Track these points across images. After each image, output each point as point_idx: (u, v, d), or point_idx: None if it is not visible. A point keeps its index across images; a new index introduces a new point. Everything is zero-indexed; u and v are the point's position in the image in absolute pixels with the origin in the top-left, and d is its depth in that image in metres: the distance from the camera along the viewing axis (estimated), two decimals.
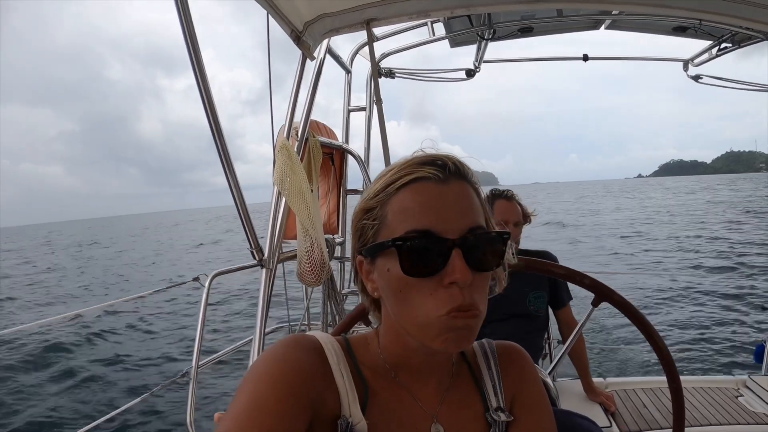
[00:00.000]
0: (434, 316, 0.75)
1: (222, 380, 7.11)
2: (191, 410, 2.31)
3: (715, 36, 3.65)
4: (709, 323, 9.76)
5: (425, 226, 0.76)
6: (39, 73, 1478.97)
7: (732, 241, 21.48)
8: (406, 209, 0.78)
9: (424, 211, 0.77)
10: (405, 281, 0.77)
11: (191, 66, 1.83)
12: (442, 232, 0.75)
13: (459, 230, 0.76)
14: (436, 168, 0.79)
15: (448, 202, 0.77)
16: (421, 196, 0.78)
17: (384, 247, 0.78)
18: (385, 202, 0.81)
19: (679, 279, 14.10)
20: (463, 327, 0.75)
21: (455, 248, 0.75)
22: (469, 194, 0.80)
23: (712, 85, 4.22)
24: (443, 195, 0.78)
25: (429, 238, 0.75)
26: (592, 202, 69.77)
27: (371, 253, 0.82)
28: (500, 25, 3.54)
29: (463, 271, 0.73)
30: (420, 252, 0.75)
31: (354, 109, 3.96)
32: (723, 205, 45.12)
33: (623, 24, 3.72)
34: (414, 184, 0.79)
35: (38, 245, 51.00)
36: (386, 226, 0.79)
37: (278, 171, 2.42)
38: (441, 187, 0.78)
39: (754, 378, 3.12)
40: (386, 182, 0.82)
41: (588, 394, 2.92)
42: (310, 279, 2.67)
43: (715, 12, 2.05)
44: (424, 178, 0.79)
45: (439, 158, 0.81)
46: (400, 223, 0.78)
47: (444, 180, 0.79)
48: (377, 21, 2.24)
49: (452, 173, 0.80)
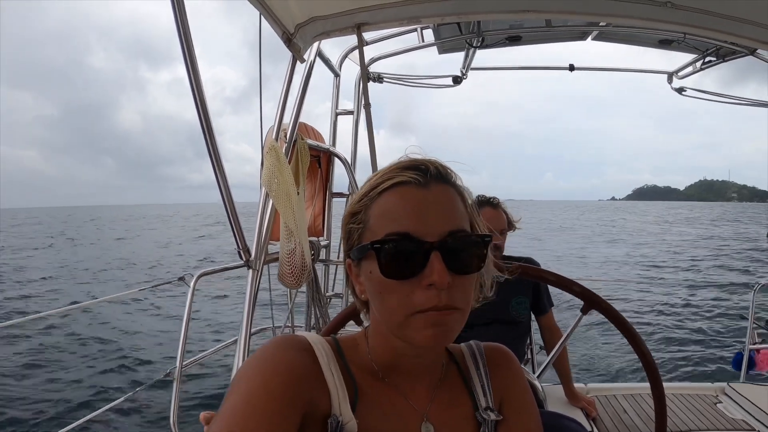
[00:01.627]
0: (410, 314, 0.77)
1: (206, 380, 7.06)
2: (175, 410, 2.30)
3: (699, 50, 3.70)
4: (690, 332, 9.88)
5: (404, 229, 0.77)
6: (20, 56, 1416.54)
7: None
8: (387, 213, 0.80)
9: (404, 215, 0.78)
10: (385, 283, 0.78)
11: (184, 62, 1.83)
12: (422, 235, 0.77)
13: (439, 233, 0.77)
14: (417, 172, 0.80)
15: (428, 205, 0.78)
16: (401, 199, 0.79)
17: (366, 250, 0.80)
18: (368, 206, 0.82)
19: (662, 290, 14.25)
20: (440, 324, 0.76)
21: (434, 251, 0.76)
22: (451, 198, 0.81)
23: (695, 97, 4.28)
24: (423, 199, 0.79)
25: (408, 241, 0.77)
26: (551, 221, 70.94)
27: (356, 256, 0.84)
28: (489, 33, 3.57)
29: (441, 274, 0.75)
30: (398, 254, 0.77)
31: (342, 112, 3.97)
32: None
33: (610, 36, 3.76)
34: (395, 188, 0.81)
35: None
36: (369, 230, 0.81)
37: (266, 172, 2.42)
38: (421, 191, 0.79)
39: (733, 385, 3.17)
40: (370, 186, 0.83)
41: (569, 400, 2.94)
42: (290, 281, 2.66)
43: (700, 26, 2.09)
44: (405, 182, 0.80)
45: (422, 163, 0.83)
46: (381, 227, 0.79)
47: (424, 184, 0.80)
48: (368, 25, 2.25)
49: (433, 177, 0.81)
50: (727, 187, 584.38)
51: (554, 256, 24.49)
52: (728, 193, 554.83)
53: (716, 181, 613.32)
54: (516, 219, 2.85)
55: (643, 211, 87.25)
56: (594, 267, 21.91)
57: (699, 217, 63.57)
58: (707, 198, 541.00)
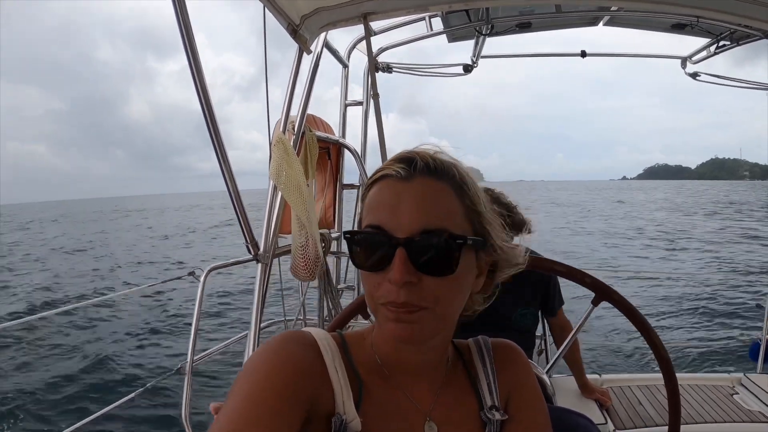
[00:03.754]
0: (376, 305, 0.79)
1: (217, 375, 7.10)
2: (186, 404, 2.30)
3: (713, 33, 3.65)
4: (705, 321, 9.81)
5: (378, 222, 0.77)
6: (28, 51, 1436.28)
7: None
8: (369, 205, 0.81)
9: (380, 208, 0.78)
10: (361, 272, 0.81)
11: (185, 54, 1.82)
12: (392, 229, 0.76)
13: (410, 230, 0.76)
14: (403, 165, 0.79)
15: (404, 200, 0.77)
16: (381, 193, 0.80)
17: (347, 239, 0.82)
18: (364, 198, 0.84)
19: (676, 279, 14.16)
20: (402, 320, 0.76)
21: (399, 247, 0.75)
22: (434, 193, 0.79)
23: (709, 82, 4.22)
24: (402, 193, 0.78)
25: (379, 234, 0.77)
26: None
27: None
28: (498, 20, 3.53)
29: (398, 271, 0.74)
30: (367, 246, 0.78)
31: (351, 103, 3.95)
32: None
33: (621, 21, 3.71)
34: (381, 180, 0.81)
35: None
36: (362, 221, 0.82)
37: (274, 165, 2.41)
38: (402, 185, 0.78)
39: (750, 376, 3.13)
40: (369, 180, 0.84)
41: (583, 391, 2.91)
42: (303, 274, 2.66)
43: (713, 9, 2.05)
44: (389, 175, 0.80)
45: (412, 155, 0.81)
46: (365, 218, 0.81)
47: (406, 178, 0.78)
48: (375, 15, 2.23)
49: (419, 171, 0.79)
50: (738, 165, 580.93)
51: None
52: (740, 171, 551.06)
53: (728, 159, 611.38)
54: (527, 218, 2.52)
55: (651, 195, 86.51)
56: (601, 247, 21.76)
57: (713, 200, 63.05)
58: (719, 176, 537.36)
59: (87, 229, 48.12)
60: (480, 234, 0.82)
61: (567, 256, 18.35)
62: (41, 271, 20.73)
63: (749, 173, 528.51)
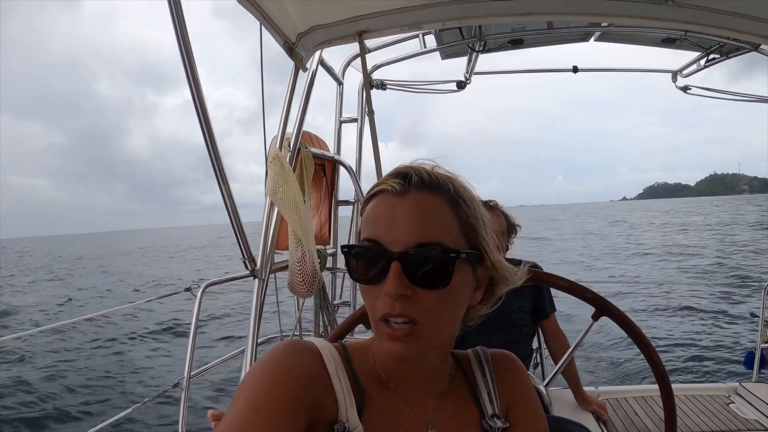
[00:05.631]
0: (374, 320, 0.80)
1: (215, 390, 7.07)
2: (183, 420, 2.30)
3: (703, 47, 3.69)
4: (700, 331, 9.82)
5: (374, 236, 0.79)
6: (29, 85, 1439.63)
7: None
8: (366, 220, 0.83)
9: (375, 223, 0.80)
10: (361, 287, 0.82)
11: (187, 82, 1.84)
12: (388, 243, 0.77)
13: (405, 244, 0.77)
14: (398, 180, 0.80)
15: (399, 214, 0.78)
16: (377, 208, 0.81)
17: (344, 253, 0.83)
18: (362, 212, 0.86)
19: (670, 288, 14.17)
20: (395, 338, 0.78)
21: (394, 261, 0.76)
22: (429, 207, 0.79)
23: (699, 95, 4.26)
24: (396, 207, 0.79)
25: (375, 248, 0.78)
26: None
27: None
28: (491, 37, 3.57)
29: (393, 285, 0.75)
30: (363, 260, 0.81)
31: (346, 120, 3.97)
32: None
33: (612, 36, 3.75)
34: (377, 196, 0.82)
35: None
36: (360, 236, 0.83)
37: (270, 181, 2.42)
38: (397, 200, 0.79)
39: (745, 385, 3.14)
40: (367, 195, 0.85)
41: (579, 404, 2.92)
42: (301, 289, 2.67)
43: (701, 23, 2.09)
44: (385, 190, 0.81)
45: (407, 170, 0.82)
46: (363, 233, 0.82)
47: (401, 192, 0.79)
48: (369, 33, 2.26)
49: (414, 185, 0.80)
50: (737, 179, 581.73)
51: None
52: (739, 186, 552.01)
53: (726, 174, 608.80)
54: (518, 223, 2.84)
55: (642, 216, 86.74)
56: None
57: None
58: (718, 192, 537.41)
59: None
60: (475, 248, 0.83)
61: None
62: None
63: (748, 187, 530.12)
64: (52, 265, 43.16)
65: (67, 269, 37.80)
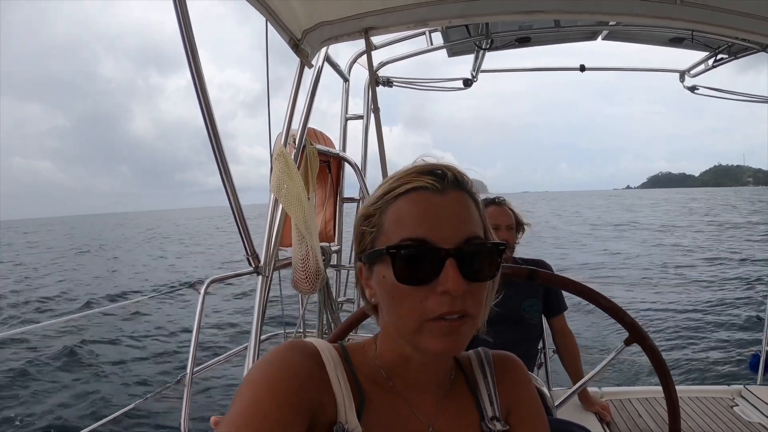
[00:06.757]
0: (423, 320, 0.76)
1: (217, 387, 7.08)
2: (186, 416, 2.30)
3: (711, 47, 3.68)
4: (705, 333, 9.78)
5: (421, 235, 0.76)
6: (32, 68, 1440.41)
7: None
8: (402, 218, 0.79)
9: (420, 221, 0.77)
10: (399, 288, 0.77)
11: (189, 69, 1.84)
12: (438, 241, 0.76)
13: (454, 240, 0.76)
14: (434, 178, 0.80)
15: (444, 212, 0.78)
16: (417, 205, 0.79)
17: (380, 254, 0.79)
18: (383, 210, 0.82)
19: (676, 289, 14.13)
20: (452, 332, 0.76)
21: (449, 258, 0.75)
22: (467, 204, 0.80)
23: (707, 96, 4.25)
24: (440, 205, 0.78)
25: (424, 247, 0.76)
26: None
27: (369, 260, 0.83)
28: (498, 35, 3.56)
29: (456, 281, 0.74)
30: (414, 260, 0.76)
31: (351, 117, 3.97)
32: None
33: (620, 35, 3.74)
34: (412, 193, 0.80)
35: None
36: (383, 234, 0.80)
37: (275, 178, 2.42)
38: (438, 197, 0.79)
39: (750, 388, 3.13)
40: (385, 190, 0.82)
41: (583, 404, 2.91)
42: (305, 286, 2.66)
43: (709, 23, 2.07)
44: (422, 187, 0.79)
45: (439, 168, 0.82)
46: (395, 231, 0.78)
47: (441, 190, 0.79)
48: (376, 30, 2.25)
49: (450, 183, 0.80)
50: (741, 171, 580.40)
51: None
52: (743, 178, 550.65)
53: (731, 166, 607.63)
54: (526, 221, 2.84)
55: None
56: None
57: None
58: (722, 183, 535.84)
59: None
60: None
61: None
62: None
63: (753, 179, 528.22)
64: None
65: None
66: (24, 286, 20.27)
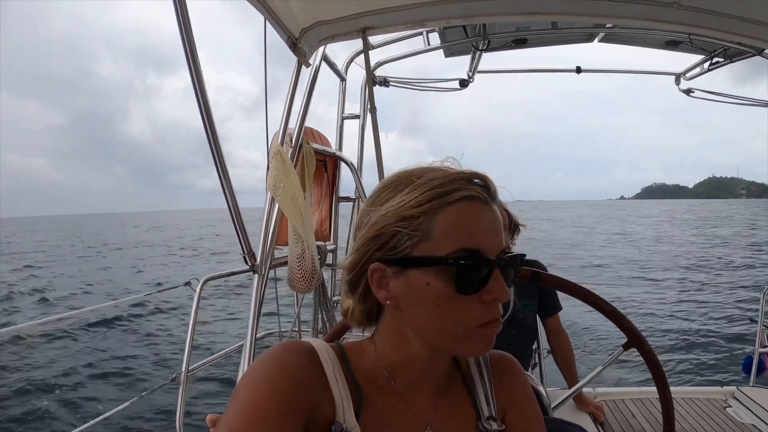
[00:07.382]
0: (470, 327, 0.78)
1: (212, 385, 7.08)
2: (181, 414, 2.30)
3: (707, 50, 3.69)
4: (698, 334, 9.82)
5: (475, 246, 0.77)
6: (29, 65, 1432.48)
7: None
8: (460, 227, 0.77)
9: (476, 231, 0.78)
10: (447, 296, 0.77)
11: (188, 70, 1.84)
12: (488, 252, 0.78)
13: (496, 251, 0.79)
14: (482, 188, 0.81)
15: (491, 224, 0.80)
16: (473, 215, 0.78)
17: (432, 262, 0.77)
18: (432, 215, 0.78)
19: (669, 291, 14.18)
20: (491, 336, 0.80)
21: (496, 268, 0.78)
22: (501, 216, 0.83)
23: (702, 98, 4.27)
24: (489, 216, 0.80)
25: (479, 257, 0.77)
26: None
27: (406, 264, 0.79)
28: (495, 36, 3.56)
29: (505, 290, 0.79)
30: (471, 271, 0.77)
31: (348, 116, 3.97)
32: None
33: (616, 37, 3.75)
34: (465, 202, 0.78)
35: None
36: (431, 240, 0.77)
37: (272, 176, 2.42)
38: (486, 209, 0.80)
39: (743, 389, 3.14)
40: (434, 194, 0.79)
41: (577, 404, 2.92)
42: (300, 285, 2.67)
43: (705, 26, 2.08)
44: (474, 197, 0.79)
45: (481, 177, 0.82)
46: (449, 239, 0.77)
47: (488, 201, 0.81)
48: (373, 29, 2.26)
49: (492, 195, 0.83)
50: (735, 183, 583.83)
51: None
52: (737, 190, 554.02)
53: (725, 178, 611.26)
54: (522, 222, 2.84)
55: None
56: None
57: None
58: (716, 195, 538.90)
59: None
60: None
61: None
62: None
63: (746, 192, 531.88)
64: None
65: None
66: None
